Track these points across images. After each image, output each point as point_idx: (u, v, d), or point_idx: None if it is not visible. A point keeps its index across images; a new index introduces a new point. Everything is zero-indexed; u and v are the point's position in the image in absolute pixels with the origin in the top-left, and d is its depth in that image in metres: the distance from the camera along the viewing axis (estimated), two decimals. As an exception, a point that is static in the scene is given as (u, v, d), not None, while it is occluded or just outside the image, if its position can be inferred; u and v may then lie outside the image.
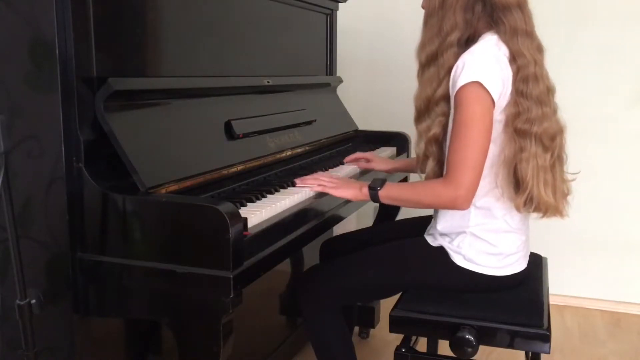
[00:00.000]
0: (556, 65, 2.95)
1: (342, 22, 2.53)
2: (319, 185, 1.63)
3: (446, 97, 1.49)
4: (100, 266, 1.28)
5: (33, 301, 1.18)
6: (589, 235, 2.87)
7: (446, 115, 1.50)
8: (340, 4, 2.45)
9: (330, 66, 2.47)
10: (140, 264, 1.24)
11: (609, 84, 2.76)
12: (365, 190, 1.56)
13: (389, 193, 1.53)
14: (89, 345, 1.37)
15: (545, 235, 2.49)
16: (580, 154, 2.90)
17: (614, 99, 2.77)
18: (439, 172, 1.54)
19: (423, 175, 1.62)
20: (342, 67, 2.60)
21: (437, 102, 1.50)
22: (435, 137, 1.52)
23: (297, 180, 1.66)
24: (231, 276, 1.17)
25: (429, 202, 1.49)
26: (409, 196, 1.52)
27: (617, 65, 2.74)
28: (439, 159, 1.54)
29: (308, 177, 1.69)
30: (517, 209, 1.47)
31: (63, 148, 1.25)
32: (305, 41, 2.28)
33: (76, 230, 1.28)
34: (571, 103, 2.77)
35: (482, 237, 1.51)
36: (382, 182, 1.55)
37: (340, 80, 2.49)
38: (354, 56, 3.01)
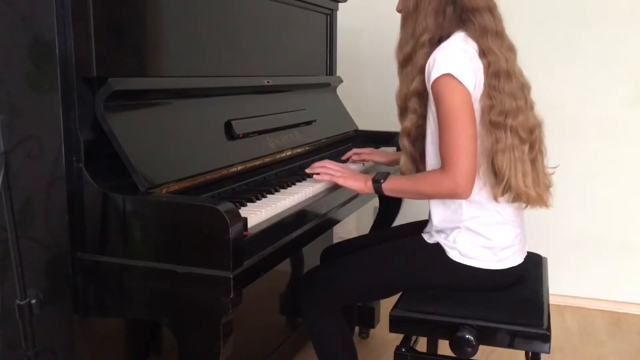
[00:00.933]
0: (556, 65, 2.95)
1: (342, 22, 2.53)
2: (327, 174, 1.67)
3: (418, 94, 1.54)
4: (100, 266, 1.27)
5: (33, 301, 1.18)
6: (589, 235, 2.87)
7: (417, 112, 1.55)
8: (340, 4, 2.45)
9: (330, 66, 2.47)
10: (140, 264, 1.24)
11: (609, 84, 2.76)
12: (370, 183, 1.60)
13: (392, 185, 1.57)
14: (89, 345, 1.37)
15: (545, 235, 2.50)
16: (580, 154, 2.91)
17: (613, 99, 2.77)
18: (412, 168, 1.60)
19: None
20: (342, 67, 2.60)
21: (410, 97, 1.56)
22: (406, 130, 1.58)
23: (307, 170, 1.72)
24: (231, 276, 1.17)
25: (430, 192, 1.52)
26: (410, 187, 1.56)
27: (617, 65, 2.74)
28: (410, 154, 1.60)
29: (317, 163, 1.72)
30: (495, 198, 1.49)
31: (63, 148, 1.25)
32: (305, 41, 2.28)
33: (76, 230, 1.28)
34: (571, 103, 2.79)
35: (476, 231, 1.52)
36: (386, 175, 1.59)
37: (340, 80, 2.49)
38: (354, 56, 3.01)
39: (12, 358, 1.35)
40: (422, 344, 1.94)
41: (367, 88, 3.09)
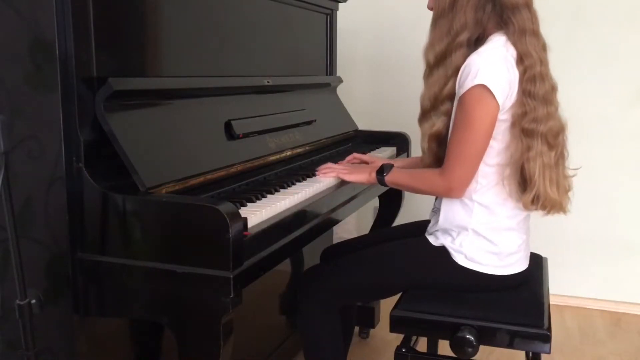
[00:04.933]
0: (556, 65, 2.95)
1: (342, 22, 2.53)
2: (333, 171, 1.73)
3: (451, 96, 1.51)
4: (100, 266, 1.27)
5: (33, 301, 1.18)
6: (589, 235, 2.87)
7: (449, 114, 1.53)
8: (340, 4, 2.45)
9: (330, 66, 2.47)
10: (140, 264, 1.24)
11: (609, 83, 2.76)
12: (374, 174, 1.65)
13: (394, 178, 1.63)
14: (89, 345, 1.37)
15: (545, 235, 2.49)
16: (580, 153, 2.91)
17: (613, 98, 2.77)
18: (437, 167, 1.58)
19: None
20: (342, 67, 2.60)
21: (442, 100, 1.53)
22: (437, 133, 1.55)
23: (317, 172, 1.75)
24: (231, 276, 1.17)
25: (425, 189, 1.57)
26: (409, 182, 1.61)
27: (616, 65, 2.74)
28: (437, 156, 1.58)
29: (322, 166, 1.77)
30: (525, 207, 1.49)
31: (63, 148, 1.25)
32: (305, 41, 2.28)
33: (76, 230, 1.28)
34: (571, 103, 2.76)
35: (483, 235, 1.52)
36: (390, 168, 1.63)
37: (340, 80, 2.49)
38: (354, 56, 3.01)
39: (12, 358, 1.35)
40: (422, 344, 1.94)
41: (367, 88, 3.09)
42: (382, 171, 1.64)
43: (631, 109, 2.75)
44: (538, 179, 1.45)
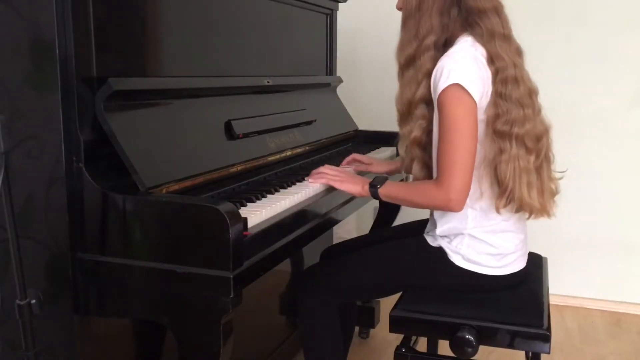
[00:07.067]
0: (554, 65, 2.95)
1: (342, 22, 2.53)
2: (323, 177, 1.64)
3: (425, 100, 1.50)
4: (100, 266, 1.27)
5: (33, 301, 1.18)
6: (589, 235, 2.87)
7: (426, 118, 1.51)
8: (340, 4, 2.45)
9: (330, 66, 2.47)
10: (140, 264, 1.24)
11: (608, 84, 2.76)
12: (367, 187, 1.58)
13: (388, 192, 1.56)
14: (89, 345, 1.37)
15: (545, 235, 2.50)
16: (579, 153, 2.91)
17: (612, 99, 2.77)
18: (427, 174, 1.56)
19: (410, 176, 1.63)
20: (342, 67, 2.60)
21: (416, 105, 1.51)
22: (416, 140, 1.53)
23: (308, 179, 1.67)
24: (231, 276, 1.17)
25: (423, 203, 1.51)
26: (405, 196, 1.54)
27: (615, 65, 2.74)
28: (423, 162, 1.55)
29: (315, 170, 1.69)
30: (497, 209, 1.47)
31: (63, 148, 1.25)
32: (305, 41, 2.28)
33: (76, 230, 1.28)
34: (569, 103, 2.79)
35: (480, 238, 1.52)
36: (383, 181, 1.57)
37: (340, 80, 2.49)
38: (354, 56, 3.01)
39: (12, 358, 1.35)
40: (422, 344, 1.94)
41: (367, 88, 3.09)
42: (375, 183, 1.57)
43: (631, 109, 2.75)
44: (511, 182, 1.42)
